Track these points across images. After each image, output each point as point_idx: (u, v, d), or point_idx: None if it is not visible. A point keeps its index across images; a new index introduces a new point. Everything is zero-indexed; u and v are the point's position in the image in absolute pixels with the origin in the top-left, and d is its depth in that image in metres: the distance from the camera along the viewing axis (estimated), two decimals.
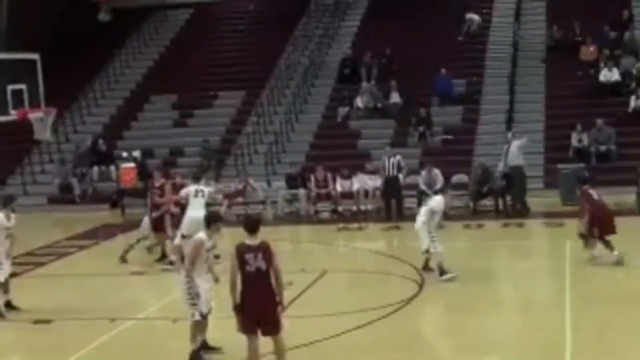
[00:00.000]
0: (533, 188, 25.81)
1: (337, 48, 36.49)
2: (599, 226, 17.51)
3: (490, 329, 14.07)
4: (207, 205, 19.05)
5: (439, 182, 25.04)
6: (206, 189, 19.45)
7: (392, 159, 25.31)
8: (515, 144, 25.25)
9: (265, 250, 11.29)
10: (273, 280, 11.35)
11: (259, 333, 11.48)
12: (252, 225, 11.51)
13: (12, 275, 16.16)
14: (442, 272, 17.18)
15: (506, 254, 18.14)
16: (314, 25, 38.03)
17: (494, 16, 36.77)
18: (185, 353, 12.58)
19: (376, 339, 13.67)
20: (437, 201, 17.72)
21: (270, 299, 11.34)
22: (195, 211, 18.39)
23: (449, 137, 30.12)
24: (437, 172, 25.22)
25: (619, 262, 17.40)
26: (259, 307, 11.28)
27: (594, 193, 17.92)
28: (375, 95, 32.25)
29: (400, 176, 25.06)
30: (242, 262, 11.23)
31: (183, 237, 17.64)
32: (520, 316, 15.32)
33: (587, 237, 17.68)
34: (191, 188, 19.19)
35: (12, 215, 15.99)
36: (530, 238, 18.71)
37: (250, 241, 11.37)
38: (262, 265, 11.22)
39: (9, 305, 15.91)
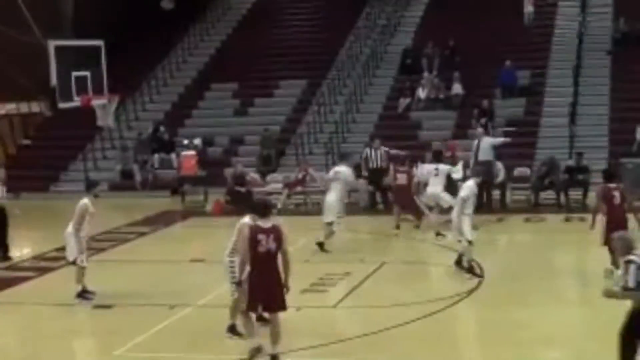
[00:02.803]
0: (596, 182, 25.37)
1: (399, 38, 36.36)
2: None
3: (549, 323, 13.86)
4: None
5: (501, 175, 24.77)
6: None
7: (378, 151, 25.02)
8: (487, 140, 25.07)
9: (277, 232, 11.86)
10: (280, 262, 11.92)
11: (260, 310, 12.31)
12: (265, 208, 12.13)
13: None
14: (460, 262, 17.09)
15: (568, 248, 17.85)
16: (376, 16, 37.89)
17: (559, 7, 36.31)
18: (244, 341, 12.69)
19: (434, 331, 13.58)
20: (464, 188, 17.33)
21: (278, 278, 11.94)
22: None
23: (512, 129, 29.72)
24: (499, 165, 24.93)
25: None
26: (266, 286, 11.87)
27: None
28: (437, 86, 32.07)
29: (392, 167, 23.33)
30: (254, 243, 11.79)
31: None
32: (581, 311, 15.13)
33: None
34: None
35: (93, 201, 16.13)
36: (592, 232, 18.32)
37: (263, 223, 11.91)
38: (273, 246, 11.79)
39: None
